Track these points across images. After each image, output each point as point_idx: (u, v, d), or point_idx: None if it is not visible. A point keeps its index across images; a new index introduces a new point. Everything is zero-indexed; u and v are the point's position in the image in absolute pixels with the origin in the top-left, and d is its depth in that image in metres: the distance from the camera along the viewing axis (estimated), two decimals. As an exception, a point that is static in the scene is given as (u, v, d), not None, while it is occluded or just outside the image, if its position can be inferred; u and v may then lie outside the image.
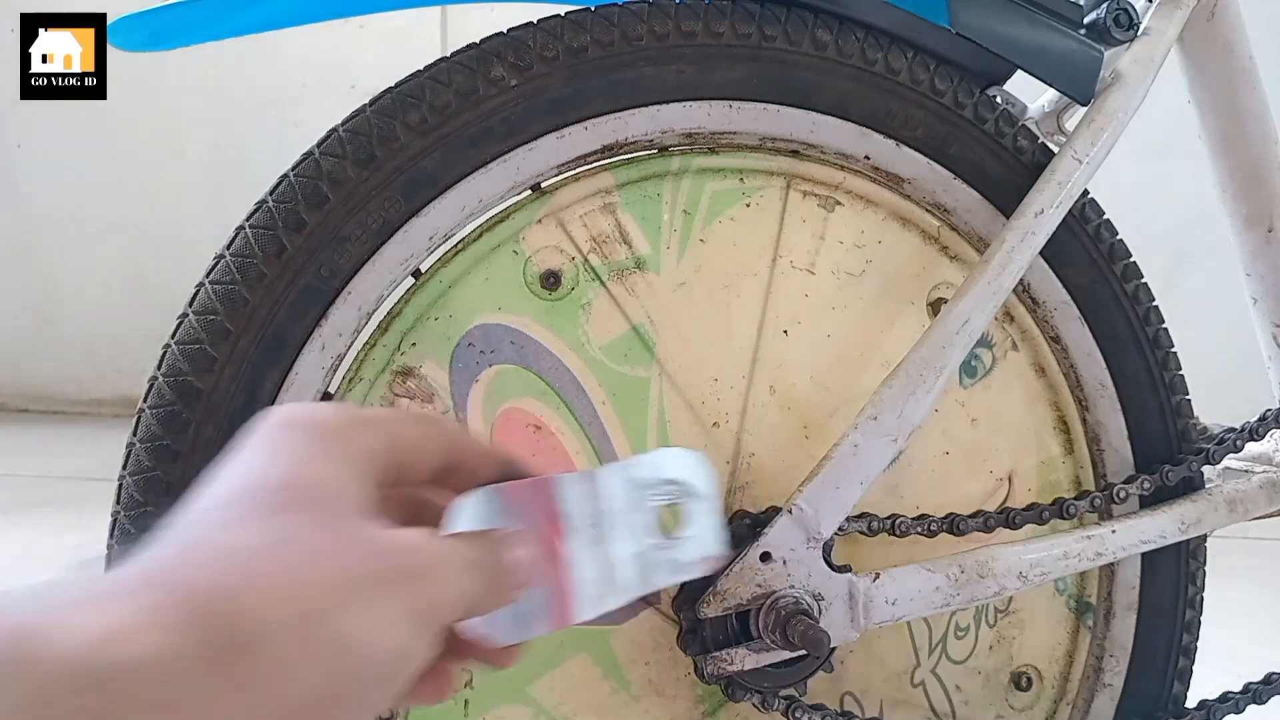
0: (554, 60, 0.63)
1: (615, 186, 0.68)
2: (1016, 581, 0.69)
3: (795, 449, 0.71)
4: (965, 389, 0.76)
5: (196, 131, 2.53)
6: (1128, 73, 0.74)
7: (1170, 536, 0.75)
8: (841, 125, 0.70)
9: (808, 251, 0.72)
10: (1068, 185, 0.70)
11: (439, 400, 0.66)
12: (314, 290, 0.61)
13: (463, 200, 0.64)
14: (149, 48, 0.64)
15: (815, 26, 0.67)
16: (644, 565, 0.39)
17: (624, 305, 0.69)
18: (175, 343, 0.60)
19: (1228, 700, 0.80)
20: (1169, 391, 0.78)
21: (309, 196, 0.60)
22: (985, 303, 0.68)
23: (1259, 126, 0.83)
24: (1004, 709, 0.79)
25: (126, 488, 0.60)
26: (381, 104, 0.62)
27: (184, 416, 0.59)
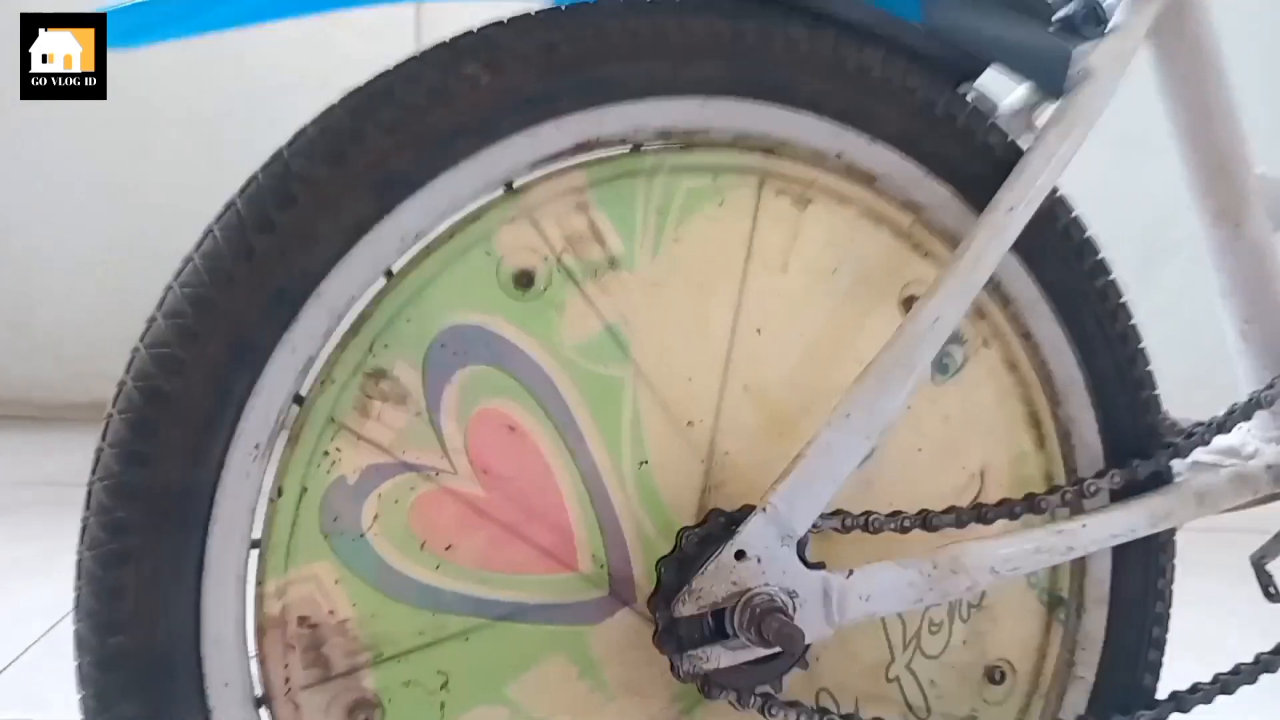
0: (526, 57, 0.63)
1: (588, 185, 0.68)
2: (989, 576, 0.69)
3: (769, 447, 0.71)
4: (937, 385, 0.76)
5: (167, 131, 2.52)
6: (1097, 68, 0.75)
7: (1140, 530, 0.76)
8: (814, 122, 0.70)
9: (781, 250, 0.72)
10: (1038, 181, 0.71)
11: (412, 402, 0.66)
12: (284, 292, 0.61)
13: (434, 200, 0.64)
14: (141, 41, 0.64)
15: (788, 23, 0.68)
16: None
17: (598, 305, 0.69)
18: (144, 346, 0.59)
19: (1197, 691, 0.81)
20: (1138, 387, 0.78)
21: (278, 196, 0.60)
22: (957, 300, 0.68)
23: (1227, 122, 0.84)
24: (978, 703, 0.80)
25: (96, 493, 0.59)
26: (352, 102, 0.62)
27: (152, 420, 0.59)
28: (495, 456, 0.67)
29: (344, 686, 0.66)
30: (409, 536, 0.66)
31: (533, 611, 0.69)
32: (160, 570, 0.60)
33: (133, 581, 0.59)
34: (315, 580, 0.65)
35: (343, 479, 0.65)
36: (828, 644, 0.73)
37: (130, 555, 0.59)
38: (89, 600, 0.60)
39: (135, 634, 0.60)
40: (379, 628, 0.66)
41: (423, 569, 0.67)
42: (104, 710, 0.60)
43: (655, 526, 0.70)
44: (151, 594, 0.60)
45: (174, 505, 0.60)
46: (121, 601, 0.59)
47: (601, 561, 0.70)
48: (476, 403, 0.67)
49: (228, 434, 0.60)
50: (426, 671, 0.67)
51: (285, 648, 0.65)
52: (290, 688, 0.66)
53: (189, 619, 0.61)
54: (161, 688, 0.61)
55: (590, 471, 0.69)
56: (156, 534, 0.59)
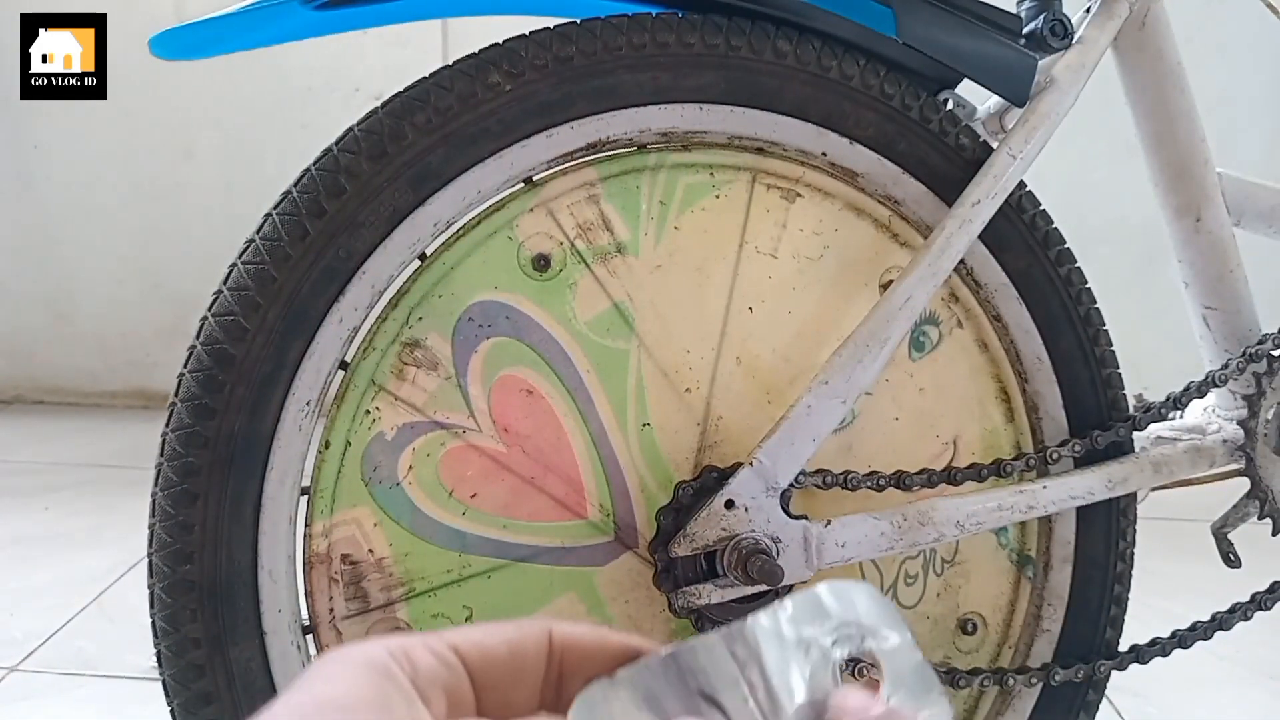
0: (544, 68, 0.70)
1: (599, 180, 0.76)
2: (954, 530, 0.77)
3: (758, 412, 0.79)
4: (914, 361, 0.84)
5: (206, 133, 2.61)
6: (1060, 77, 0.82)
7: (1099, 494, 0.83)
8: (801, 125, 0.77)
9: (771, 238, 0.80)
10: (1003, 179, 0.78)
11: (442, 368, 0.75)
12: (333, 270, 0.69)
13: (463, 192, 0.71)
14: (188, 56, 0.73)
15: (777, 37, 0.75)
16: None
17: (606, 285, 0.77)
18: (212, 315, 0.68)
19: (1155, 645, 0.88)
20: (1100, 365, 0.85)
21: (329, 187, 0.68)
22: (926, 282, 0.76)
23: (1188, 125, 0.90)
24: (951, 651, 0.87)
25: (169, 442, 0.68)
26: (392, 106, 0.70)
27: (219, 379, 0.68)
28: (515, 417, 0.76)
29: (380, 618, 0.75)
30: (439, 486, 0.75)
31: (547, 554, 0.77)
32: (223, 509, 0.69)
33: (200, 518, 0.68)
34: (357, 523, 0.74)
35: (381, 434, 0.74)
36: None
37: (198, 495, 0.68)
38: (162, 534, 0.68)
39: (201, 564, 0.68)
40: (412, 566, 0.75)
41: (451, 515, 0.75)
42: (173, 630, 0.69)
43: (655, 480, 0.78)
44: (216, 530, 0.69)
45: (236, 453, 0.68)
46: (190, 535, 0.68)
47: (608, 511, 0.78)
48: (499, 369, 0.75)
49: (283, 392, 0.69)
50: (453, 606, 0.76)
51: (330, 582, 0.74)
52: (334, 617, 0.75)
53: (248, 553, 0.70)
54: (223, 612, 0.69)
55: (599, 431, 0.77)
56: (221, 477, 0.68)
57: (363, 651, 0.27)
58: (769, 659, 0.29)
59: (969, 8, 0.79)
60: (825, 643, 0.30)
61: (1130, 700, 1.27)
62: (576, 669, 0.30)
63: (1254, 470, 0.89)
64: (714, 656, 0.29)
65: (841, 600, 0.31)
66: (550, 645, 0.30)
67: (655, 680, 0.29)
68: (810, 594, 0.31)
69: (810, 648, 0.30)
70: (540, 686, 0.30)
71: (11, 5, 1.86)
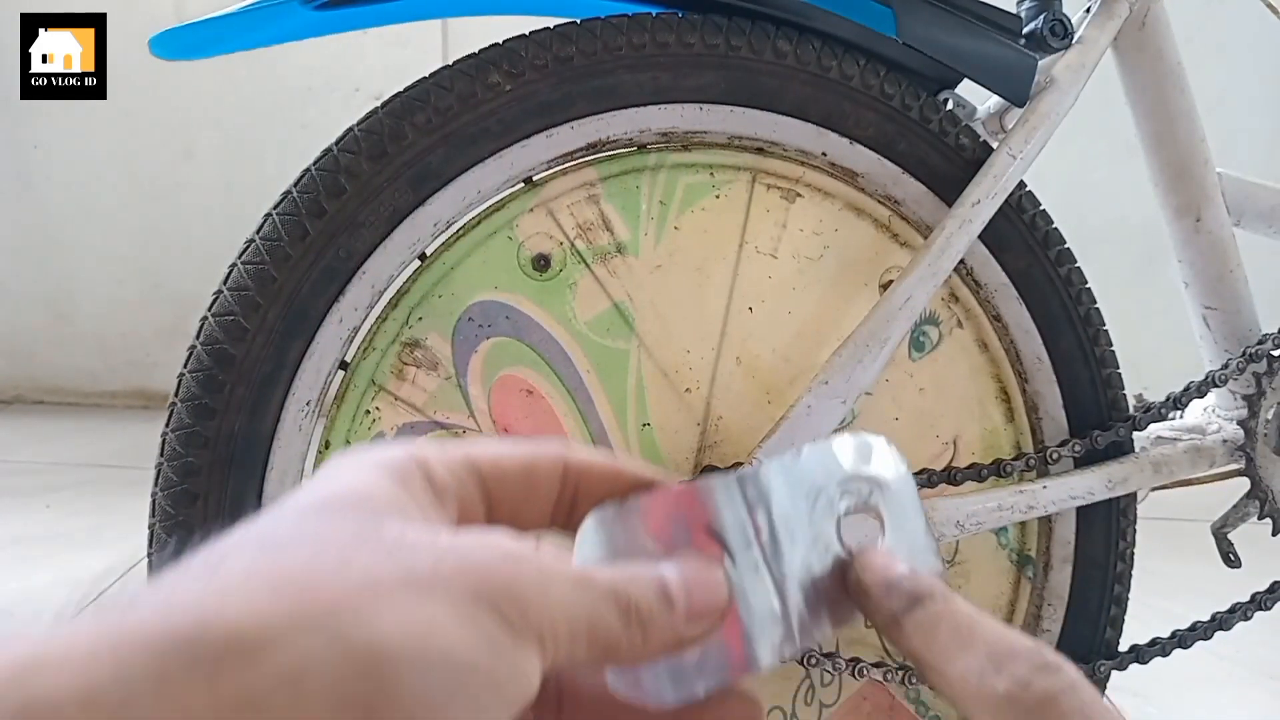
0: (544, 68, 0.70)
1: (599, 180, 0.76)
2: (954, 530, 0.77)
3: (759, 412, 0.79)
4: (914, 361, 0.84)
5: (206, 133, 2.61)
6: (1060, 78, 0.82)
7: (1098, 494, 0.83)
8: (801, 125, 0.77)
9: (771, 238, 0.80)
10: (1003, 179, 0.78)
11: (442, 368, 0.75)
12: (333, 270, 0.69)
13: (463, 192, 0.72)
14: (188, 56, 0.73)
15: (776, 37, 0.75)
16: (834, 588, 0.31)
17: (606, 285, 0.77)
18: (212, 315, 0.68)
19: (1155, 645, 0.88)
20: (1100, 365, 0.85)
21: (329, 187, 0.68)
22: (926, 282, 0.76)
23: (1187, 125, 0.90)
24: (951, 651, 0.87)
25: (169, 442, 0.68)
26: (392, 106, 0.70)
27: (219, 379, 0.68)
28: (515, 417, 0.76)
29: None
30: (439, 487, 0.74)
31: (547, 555, 0.77)
32: (224, 509, 0.69)
33: (200, 518, 0.68)
34: (357, 523, 0.74)
35: (382, 435, 0.74)
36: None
37: (198, 495, 0.68)
38: (162, 534, 0.69)
39: (203, 565, 0.68)
40: (412, 566, 0.75)
41: (450, 515, 0.75)
42: (175, 631, 0.69)
43: (656, 481, 0.78)
44: (216, 530, 0.68)
45: (237, 453, 0.68)
46: (190, 536, 0.68)
47: (608, 512, 0.78)
48: (499, 369, 0.75)
49: (284, 392, 0.69)
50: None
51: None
52: (334, 618, 0.74)
53: (248, 554, 0.70)
54: (224, 613, 0.69)
55: (599, 431, 0.77)
56: (221, 478, 0.68)
57: (380, 453, 0.27)
58: (776, 504, 0.30)
59: (969, 8, 0.79)
60: (833, 494, 0.31)
61: (1130, 700, 1.27)
62: (589, 493, 0.30)
63: (1254, 470, 0.89)
64: (725, 496, 0.29)
65: (855, 453, 0.32)
66: (565, 468, 0.30)
67: (665, 511, 0.29)
68: (825, 444, 0.32)
69: (819, 497, 0.31)
70: (552, 506, 0.30)
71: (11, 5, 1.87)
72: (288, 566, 0.22)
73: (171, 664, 0.19)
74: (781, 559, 0.29)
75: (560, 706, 0.30)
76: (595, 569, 0.26)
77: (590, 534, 0.29)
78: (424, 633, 0.21)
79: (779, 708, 0.82)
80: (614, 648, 0.25)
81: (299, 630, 0.20)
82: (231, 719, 0.19)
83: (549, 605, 0.24)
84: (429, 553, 0.23)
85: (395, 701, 0.20)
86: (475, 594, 0.23)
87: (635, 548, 0.29)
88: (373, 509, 0.24)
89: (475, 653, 0.22)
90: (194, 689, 0.19)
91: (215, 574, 0.22)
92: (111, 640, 0.19)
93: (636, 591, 0.26)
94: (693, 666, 0.28)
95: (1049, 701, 0.25)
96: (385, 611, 0.21)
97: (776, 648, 0.29)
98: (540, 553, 0.25)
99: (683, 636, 0.27)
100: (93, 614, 0.20)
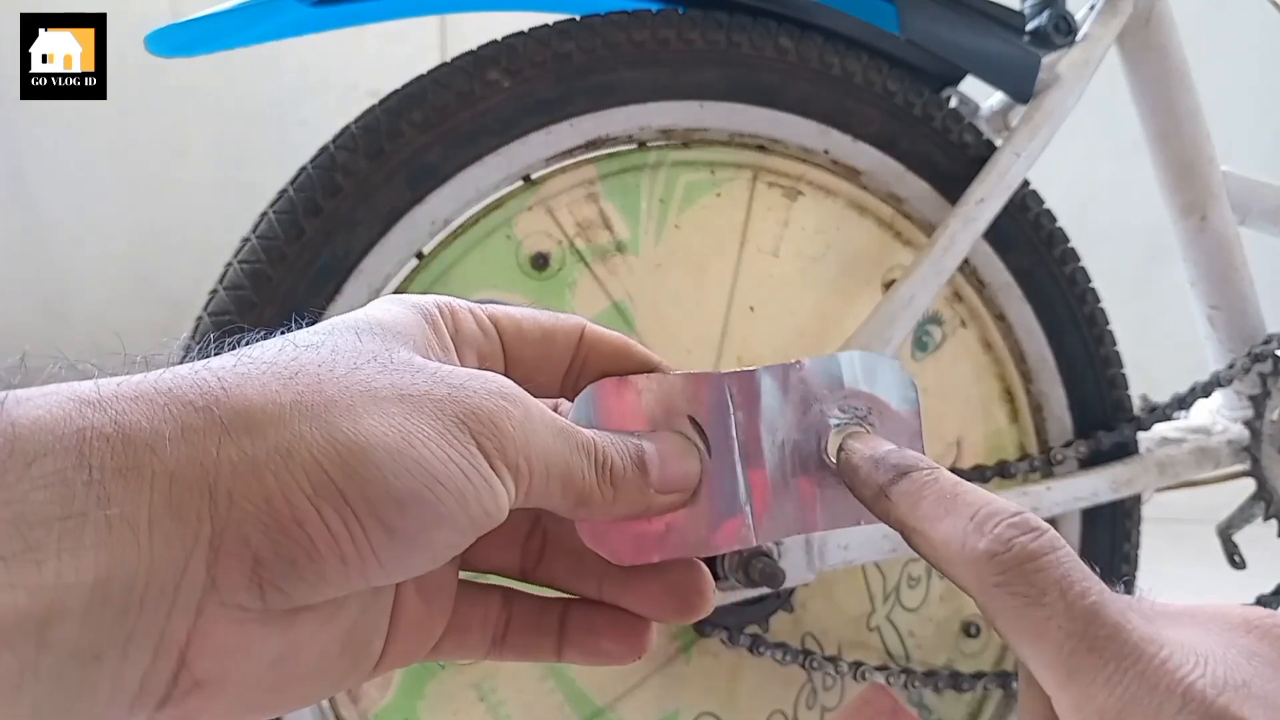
0: (542, 64, 0.70)
1: (598, 178, 0.76)
2: (958, 532, 0.76)
3: (760, 414, 0.78)
4: (917, 361, 0.83)
5: (202, 131, 2.60)
6: (1064, 74, 0.81)
7: (1103, 495, 0.83)
8: (803, 123, 0.77)
9: (773, 237, 0.79)
10: (1006, 176, 0.78)
11: (440, 369, 0.74)
12: (329, 269, 0.68)
13: (461, 190, 0.71)
14: (184, 54, 0.72)
15: (778, 33, 0.74)
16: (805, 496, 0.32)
17: (606, 284, 0.76)
18: (208, 314, 0.67)
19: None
20: (1104, 365, 0.85)
21: (325, 185, 0.67)
22: (929, 282, 0.75)
23: (1192, 124, 0.90)
24: (954, 654, 0.86)
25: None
26: (389, 103, 0.69)
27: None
28: (514, 418, 0.74)
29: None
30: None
31: (546, 558, 0.76)
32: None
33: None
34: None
35: (379, 436, 0.73)
36: (813, 593, 0.81)
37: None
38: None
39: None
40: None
41: (449, 518, 0.74)
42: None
43: (656, 483, 0.77)
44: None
45: (232, 455, 0.67)
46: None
47: (608, 514, 0.77)
48: (497, 370, 0.74)
49: (279, 393, 0.68)
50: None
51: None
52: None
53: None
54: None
55: (598, 433, 0.76)
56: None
57: (414, 297, 0.30)
58: (765, 407, 0.31)
59: (972, 4, 0.78)
60: (829, 406, 0.32)
61: (1133, 701, 1.26)
62: (599, 367, 0.32)
63: (1259, 471, 0.89)
64: (714, 390, 0.31)
65: (861, 372, 0.32)
66: (582, 337, 0.32)
67: (658, 393, 0.31)
68: (831, 359, 0.32)
69: (811, 406, 0.32)
70: (563, 375, 0.32)
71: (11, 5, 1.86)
72: (304, 364, 0.25)
73: (194, 420, 0.23)
74: (760, 458, 0.31)
75: (542, 555, 0.33)
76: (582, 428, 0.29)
77: (587, 400, 0.30)
78: (403, 439, 0.24)
79: (780, 711, 0.81)
80: (586, 497, 0.28)
81: (298, 415, 0.24)
82: (231, 471, 0.23)
83: (528, 444, 0.26)
84: (428, 377, 0.26)
85: (365, 488, 0.23)
86: (459, 419, 0.25)
87: (624, 420, 0.30)
88: (394, 334, 0.27)
89: (448, 467, 0.24)
90: (208, 442, 0.23)
91: (245, 359, 0.25)
92: (149, 393, 0.23)
93: (614, 453, 0.29)
94: (655, 536, 0.30)
95: (1029, 558, 0.25)
96: (374, 414, 0.24)
97: (734, 537, 0.31)
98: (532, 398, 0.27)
99: (650, 504, 0.29)
100: (142, 368, 0.25)
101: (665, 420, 0.31)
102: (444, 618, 0.31)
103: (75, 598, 0.21)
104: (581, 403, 0.30)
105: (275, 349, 0.26)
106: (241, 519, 0.23)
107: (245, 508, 0.23)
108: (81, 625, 0.21)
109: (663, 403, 0.31)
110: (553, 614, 0.32)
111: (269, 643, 0.24)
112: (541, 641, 0.32)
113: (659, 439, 0.30)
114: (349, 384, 0.25)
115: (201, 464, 0.23)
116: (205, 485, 0.22)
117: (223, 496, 0.23)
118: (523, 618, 0.32)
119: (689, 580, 0.31)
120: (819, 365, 0.32)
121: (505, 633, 0.32)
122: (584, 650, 0.32)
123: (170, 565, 0.22)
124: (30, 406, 0.22)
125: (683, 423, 0.31)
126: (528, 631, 0.32)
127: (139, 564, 0.22)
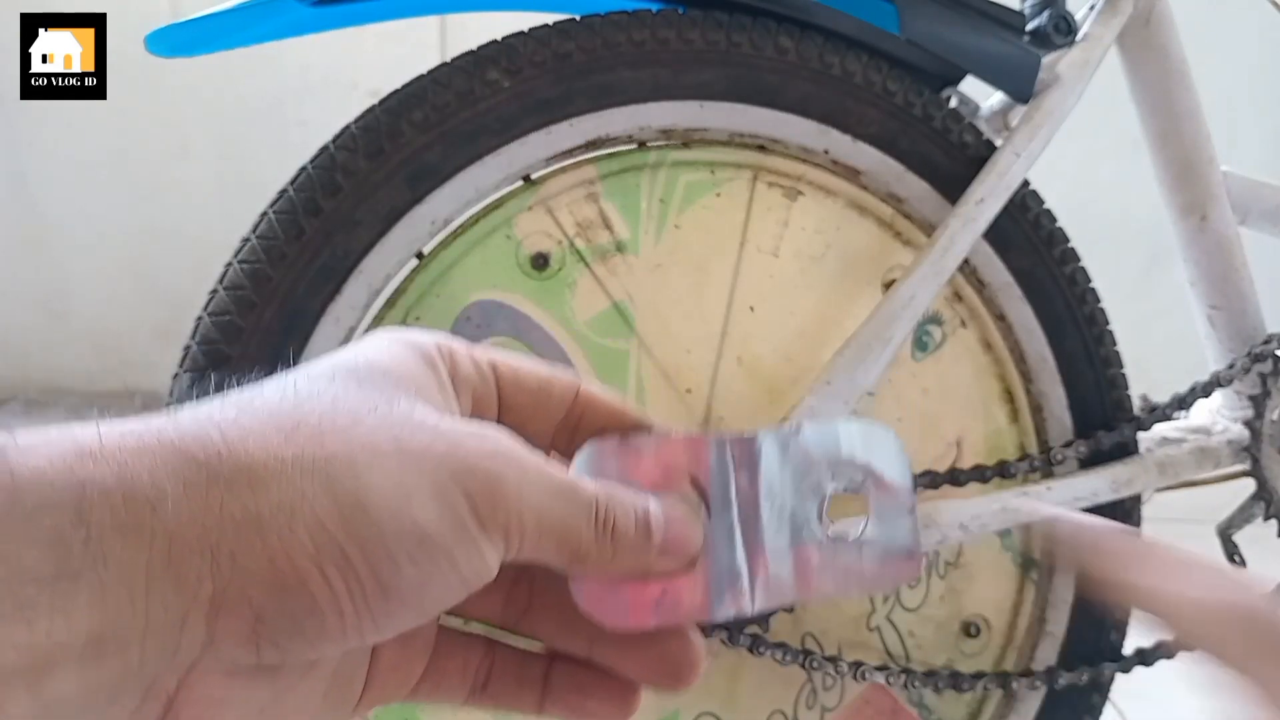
0: (542, 64, 0.70)
1: (598, 177, 0.76)
2: (958, 531, 0.76)
3: (760, 413, 0.78)
4: (917, 361, 0.83)
5: (202, 131, 2.60)
6: (1064, 75, 0.81)
7: (1103, 495, 0.82)
8: (803, 122, 0.76)
9: (773, 237, 0.79)
10: (1006, 176, 0.77)
11: (440, 369, 0.74)
12: (329, 269, 0.68)
13: (461, 190, 0.71)
14: (184, 54, 0.72)
15: (778, 33, 0.74)
16: (802, 563, 0.31)
17: (606, 284, 0.76)
18: (207, 314, 0.67)
19: (1160, 648, 0.87)
20: (1104, 365, 0.85)
21: (325, 185, 0.67)
22: (930, 282, 0.75)
23: (1192, 124, 0.90)
24: (955, 654, 0.86)
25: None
26: (389, 103, 0.69)
27: (214, 380, 0.67)
28: (514, 418, 0.75)
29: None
30: (436, 489, 0.73)
31: (546, 558, 0.76)
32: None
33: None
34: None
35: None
36: (813, 595, 0.80)
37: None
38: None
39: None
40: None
41: (448, 518, 0.74)
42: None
43: (656, 483, 0.77)
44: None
45: (232, 455, 0.67)
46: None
47: (608, 514, 0.77)
48: (497, 370, 0.74)
49: (279, 393, 0.68)
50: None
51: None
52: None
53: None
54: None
55: (598, 433, 0.76)
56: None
57: (411, 335, 0.30)
58: (765, 472, 0.31)
59: (972, 4, 0.78)
60: (824, 473, 0.32)
61: (1135, 704, 1.27)
62: (592, 425, 0.32)
63: (1260, 471, 0.88)
64: (716, 454, 0.31)
65: (859, 440, 0.32)
66: (577, 395, 0.32)
67: (658, 454, 0.31)
68: (830, 426, 0.32)
69: (808, 474, 0.32)
70: (555, 429, 0.32)
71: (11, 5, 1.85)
72: (304, 416, 0.25)
73: (196, 476, 0.23)
74: (758, 524, 0.31)
75: (529, 607, 0.32)
76: (587, 480, 0.29)
77: (586, 457, 0.30)
78: (401, 497, 0.24)
79: (780, 711, 0.81)
80: (583, 555, 0.28)
81: (300, 471, 0.24)
82: (235, 530, 0.23)
83: (521, 502, 0.26)
84: (428, 432, 0.26)
85: (365, 546, 0.24)
86: (455, 477, 0.25)
87: (623, 480, 0.30)
88: (393, 382, 0.27)
89: (440, 527, 0.25)
90: (211, 500, 0.23)
91: (247, 409, 0.25)
92: (153, 445, 0.23)
93: (618, 510, 0.29)
94: (651, 601, 0.29)
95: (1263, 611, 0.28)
96: (375, 471, 0.24)
97: (732, 605, 0.30)
98: (529, 454, 0.27)
99: (651, 567, 0.29)
100: (141, 418, 0.24)
101: (665, 481, 0.31)
102: (421, 662, 0.31)
103: (67, 654, 0.21)
104: (581, 461, 0.30)
105: (277, 398, 0.26)
106: (244, 579, 0.23)
107: (248, 567, 0.23)
108: (74, 680, 0.21)
109: (663, 463, 0.31)
110: (536, 668, 0.32)
111: (257, 692, 0.25)
112: (523, 693, 0.32)
113: (665, 500, 0.30)
114: (350, 438, 0.25)
115: (204, 523, 0.23)
116: (207, 545, 0.23)
117: (225, 556, 0.23)
118: (505, 667, 0.32)
119: (681, 649, 0.31)
120: (818, 434, 0.32)
121: (487, 681, 0.32)
122: (568, 707, 0.32)
123: (167, 624, 0.22)
124: (32, 455, 0.22)
125: (684, 484, 0.31)
126: (510, 682, 0.32)
127: (134, 623, 0.22)
